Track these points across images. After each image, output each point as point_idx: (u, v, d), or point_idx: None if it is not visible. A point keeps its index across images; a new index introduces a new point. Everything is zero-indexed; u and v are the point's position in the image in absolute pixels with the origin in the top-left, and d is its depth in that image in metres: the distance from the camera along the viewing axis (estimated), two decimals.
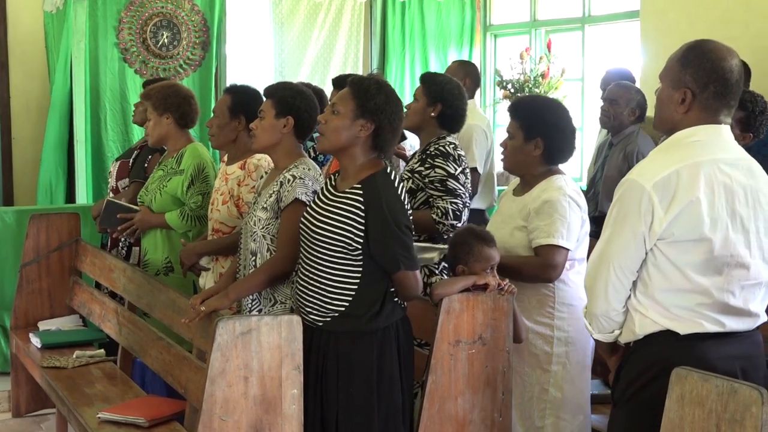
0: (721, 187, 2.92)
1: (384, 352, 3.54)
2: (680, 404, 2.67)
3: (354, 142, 3.56)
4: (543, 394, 3.94)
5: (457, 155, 4.53)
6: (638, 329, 3.01)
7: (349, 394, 3.52)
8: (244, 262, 4.09)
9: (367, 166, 3.58)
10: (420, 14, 9.47)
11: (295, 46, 9.10)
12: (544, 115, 3.98)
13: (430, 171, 4.49)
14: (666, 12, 7.35)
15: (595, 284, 3.06)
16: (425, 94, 4.66)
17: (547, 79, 8.37)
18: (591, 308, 3.11)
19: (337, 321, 3.54)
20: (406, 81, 9.41)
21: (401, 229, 3.48)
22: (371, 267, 3.51)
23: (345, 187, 3.58)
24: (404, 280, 3.52)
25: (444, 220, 4.40)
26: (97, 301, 5.34)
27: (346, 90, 3.62)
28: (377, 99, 3.54)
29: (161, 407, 4.29)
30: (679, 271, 2.93)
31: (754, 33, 6.59)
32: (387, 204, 3.47)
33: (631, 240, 2.95)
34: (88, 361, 5.13)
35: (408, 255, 3.51)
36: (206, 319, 3.84)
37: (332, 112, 3.59)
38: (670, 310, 2.95)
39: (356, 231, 3.47)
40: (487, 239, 3.80)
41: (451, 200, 4.43)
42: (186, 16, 8.43)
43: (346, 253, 3.50)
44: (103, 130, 8.04)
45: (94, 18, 8.04)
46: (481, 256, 3.76)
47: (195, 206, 4.97)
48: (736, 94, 3.01)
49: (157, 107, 5.14)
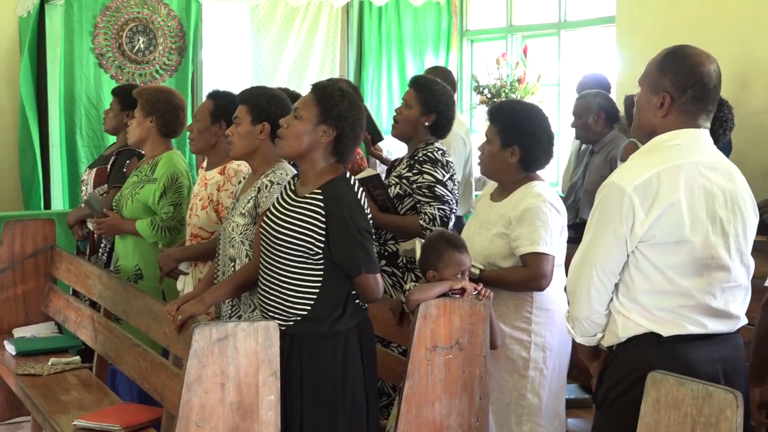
0: (701, 189, 2.94)
1: (347, 354, 3.56)
2: (656, 408, 2.68)
3: (315, 148, 3.57)
4: (520, 400, 3.95)
5: (445, 161, 4.53)
6: (621, 332, 3.02)
7: (314, 397, 3.53)
8: (223, 268, 4.08)
9: (326, 171, 3.59)
10: (397, 20, 9.48)
11: (272, 52, 9.09)
12: (523, 122, 3.97)
13: (418, 177, 4.49)
14: (641, 17, 7.40)
15: (577, 287, 3.07)
16: (420, 103, 4.60)
17: (524, 85, 8.41)
18: (573, 312, 3.11)
19: (299, 325, 3.55)
20: (383, 86, 9.42)
21: (362, 233, 3.50)
22: (332, 271, 3.53)
23: (305, 192, 3.58)
24: (365, 283, 3.54)
25: (432, 226, 4.39)
26: (72, 308, 5.31)
27: (310, 95, 3.61)
28: (341, 106, 3.55)
29: (137, 414, 4.27)
30: (661, 273, 2.94)
31: (728, 38, 6.63)
32: (348, 209, 3.49)
33: (612, 242, 2.96)
34: (63, 368, 5.09)
35: (369, 258, 3.53)
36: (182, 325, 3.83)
37: (294, 117, 3.59)
38: (653, 312, 2.96)
39: (317, 236, 3.48)
40: (457, 245, 3.79)
41: (439, 206, 4.43)
42: (162, 21, 8.40)
43: (307, 258, 3.51)
44: (78, 135, 8.00)
45: (70, 23, 8.00)
46: (451, 261, 3.75)
47: (166, 217, 4.95)
48: (714, 98, 3.03)
49: (144, 108, 5.12)
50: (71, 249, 6.01)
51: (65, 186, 7.88)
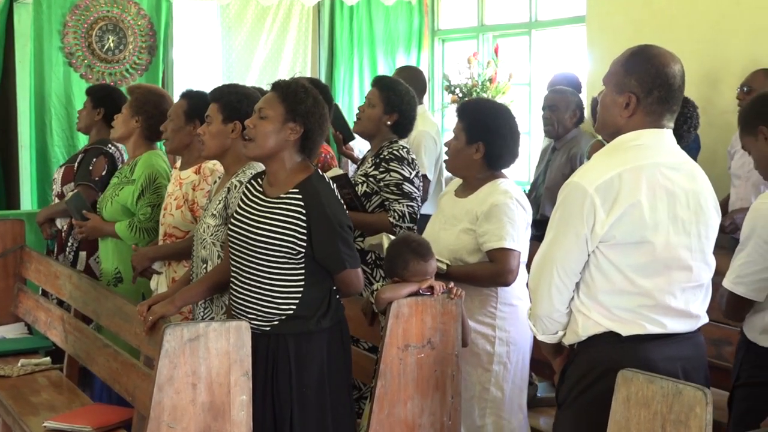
0: (663, 190, 2.95)
1: (332, 350, 3.58)
2: (626, 406, 2.69)
3: (283, 146, 3.56)
4: (484, 394, 4.00)
5: (411, 159, 4.62)
6: (581, 331, 3.03)
7: (303, 394, 3.53)
8: (197, 270, 4.07)
9: (297, 169, 3.59)
10: (368, 19, 9.48)
11: (243, 51, 9.05)
12: (487, 119, 4.04)
13: (385, 175, 4.54)
14: (611, 16, 7.43)
15: (538, 286, 3.08)
16: (383, 102, 4.69)
17: (495, 84, 8.42)
18: (535, 310, 3.13)
19: (285, 324, 3.54)
20: (354, 85, 9.41)
21: (344, 228, 3.53)
22: (313, 268, 3.54)
23: (278, 192, 3.57)
24: (348, 278, 3.58)
25: (401, 222, 4.48)
26: (42, 309, 5.27)
27: (273, 94, 3.61)
28: (306, 102, 3.56)
29: (108, 415, 4.25)
30: (621, 273, 2.96)
31: (698, 38, 6.68)
32: (329, 206, 3.50)
33: (573, 242, 2.97)
34: (33, 369, 5.06)
35: (352, 254, 3.57)
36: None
37: (260, 117, 3.58)
38: (613, 312, 2.97)
39: (299, 235, 3.48)
40: (423, 253, 3.79)
41: (408, 203, 4.51)
42: (132, 20, 8.35)
43: (289, 258, 3.51)
44: (48, 135, 7.93)
45: (39, 22, 7.92)
46: (417, 271, 3.76)
47: (144, 218, 4.91)
48: (679, 99, 3.06)
49: (132, 106, 5.09)
50: (41, 249, 5.98)
51: (34, 185, 7.81)
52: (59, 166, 6.24)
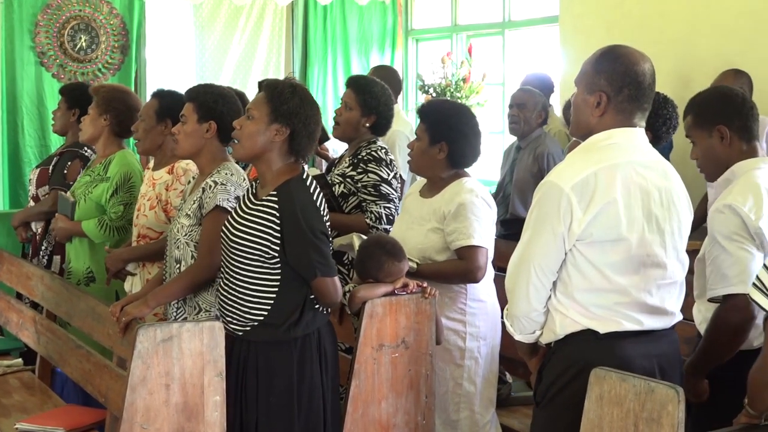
0: (637, 188, 2.98)
1: (304, 360, 3.50)
2: (599, 404, 2.71)
3: (270, 147, 3.52)
4: (457, 388, 4.04)
5: (389, 160, 4.59)
6: (559, 329, 3.04)
7: (269, 403, 3.50)
8: (170, 270, 4.04)
9: (283, 171, 3.54)
10: (342, 18, 9.48)
11: (217, 50, 9.04)
12: (450, 119, 4.07)
13: (363, 176, 4.52)
14: (584, 17, 7.47)
15: (516, 286, 3.09)
16: (360, 105, 4.64)
17: (468, 84, 8.45)
18: (512, 310, 3.13)
19: (256, 330, 3.51)
20: (328, 85, 9.42)
21: (316, 235, 3.45)
22: (289, 275, 3.48)
23: (263, 194, 3.54)
24: (322, 287, 3.48)
25: (378, 224, 4.46)
26: (14, 310, 5.23)
27: (261, 94, 3.58)
28: (291, 102, 3.50)
29: (81, 416, 4.23)
30: (598, 271, 2.97)
31: (670, 38, 6.72)
32: (301, 210, 3.43)
33: (551, 241, 2.98)
34: (5, 370, 5.03)
35: (324, 261, 3.46)
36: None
37: (247, 117, 3.55)
38: (590, 310, 2.99)
39: (273, 238, 3.44)
40: (397, 254, 3.81)
41: (385, 205, 4.49)
42: (104, 19, 8.32)
43: (263, 262, 3.47)
44: (20, 135, 7.89)
45: (10, 21, 7.89)
46: (391, 272, 3.78)
47: (115, 216, 4.87)
48: (650, 97, 3.08)
49: (99, 105, 5.03)
50: (13, 250, 5.93)
51: (6, 187, 7.76)
52: (34, 167, 6.18)
